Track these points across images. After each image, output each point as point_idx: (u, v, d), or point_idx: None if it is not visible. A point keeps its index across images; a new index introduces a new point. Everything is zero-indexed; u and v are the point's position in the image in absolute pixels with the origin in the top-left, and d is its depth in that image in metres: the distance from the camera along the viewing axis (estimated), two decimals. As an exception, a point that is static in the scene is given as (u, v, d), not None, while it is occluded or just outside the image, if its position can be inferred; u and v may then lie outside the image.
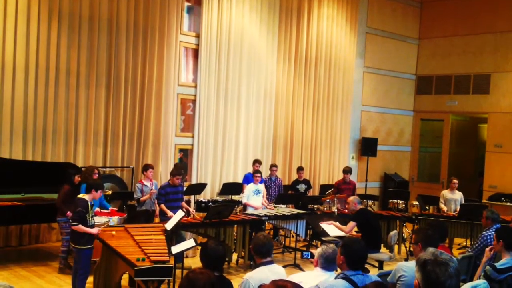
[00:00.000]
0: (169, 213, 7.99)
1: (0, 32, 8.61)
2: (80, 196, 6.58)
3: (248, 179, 10.05)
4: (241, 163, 11.60)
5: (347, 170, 10.79)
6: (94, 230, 6.39)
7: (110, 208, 8.42)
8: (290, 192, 11.08)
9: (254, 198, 9.50)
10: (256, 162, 10.22)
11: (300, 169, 11.29)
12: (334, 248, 4.28)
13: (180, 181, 8.45)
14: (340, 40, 13.35)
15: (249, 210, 9.30)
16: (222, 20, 11.14)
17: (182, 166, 9.94)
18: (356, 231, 7.95)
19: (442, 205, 10.58)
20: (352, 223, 7.92)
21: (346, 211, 9.97)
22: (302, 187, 11.05)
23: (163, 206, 8.22)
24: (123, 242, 6.23)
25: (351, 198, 8.22)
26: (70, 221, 6.46)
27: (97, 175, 8.16)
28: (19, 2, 8.75)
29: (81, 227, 6.31)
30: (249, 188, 9.51)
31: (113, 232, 6.49)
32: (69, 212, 7.25)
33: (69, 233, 7.01)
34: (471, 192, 13.25)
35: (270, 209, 9.50)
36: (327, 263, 4.23)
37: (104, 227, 6.94)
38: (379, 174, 14.69)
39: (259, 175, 9.61)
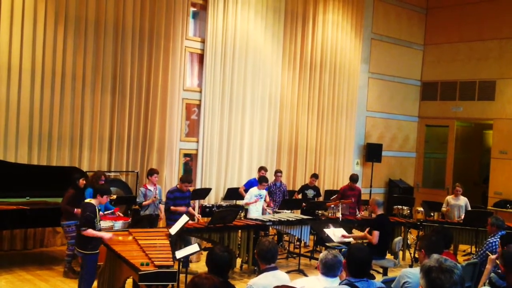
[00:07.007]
0: (180, 209, 8.12)
1: (6, 35, 8.66)
2: (87, 201, 6.60)
3: (252, 184, 10.02)
4: (246, 168, 11.60)
5: (355, 179, 10.70)
6: (107, 235, 6.36)
7: (114, 208, 8.42)
8: (296, 195, 11.04)
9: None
10: (262, 169, 10.22)
11: (314, 175, 11.24)
12: (335, 254, 4.25)
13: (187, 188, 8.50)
14: (345, 46, 13.36)
15: (250, 211, 9.32)
16: (228, 25, 11.17)
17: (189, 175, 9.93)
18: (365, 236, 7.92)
19: (443, 209, 10.56)
20: (376, 233, 7.75)
21: (351, 216, 9.99)
22: (310, 192, 11.02)
23: (172, 207, 8.25)
24: (127, 246, 6.22)
25: (372, 199, 8.13)
26: (77, 225, 6.44)
27: (103, 181, 8.16)
28: (26, 6, 8.80)
29: (91, 232, 6.30)
30: (252, 192, 9.50)
31: (120, 238, 6.49)
32: (76, 209, 7.28)
33: (73, 238, 7.02)
34: (476, 199, 13.21)
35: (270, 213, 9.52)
36: (326, 269, 4.19)
37: (109, 231, 6.94)
38: (383, 180, 14.66)
39: (266, 183, 9.58)
